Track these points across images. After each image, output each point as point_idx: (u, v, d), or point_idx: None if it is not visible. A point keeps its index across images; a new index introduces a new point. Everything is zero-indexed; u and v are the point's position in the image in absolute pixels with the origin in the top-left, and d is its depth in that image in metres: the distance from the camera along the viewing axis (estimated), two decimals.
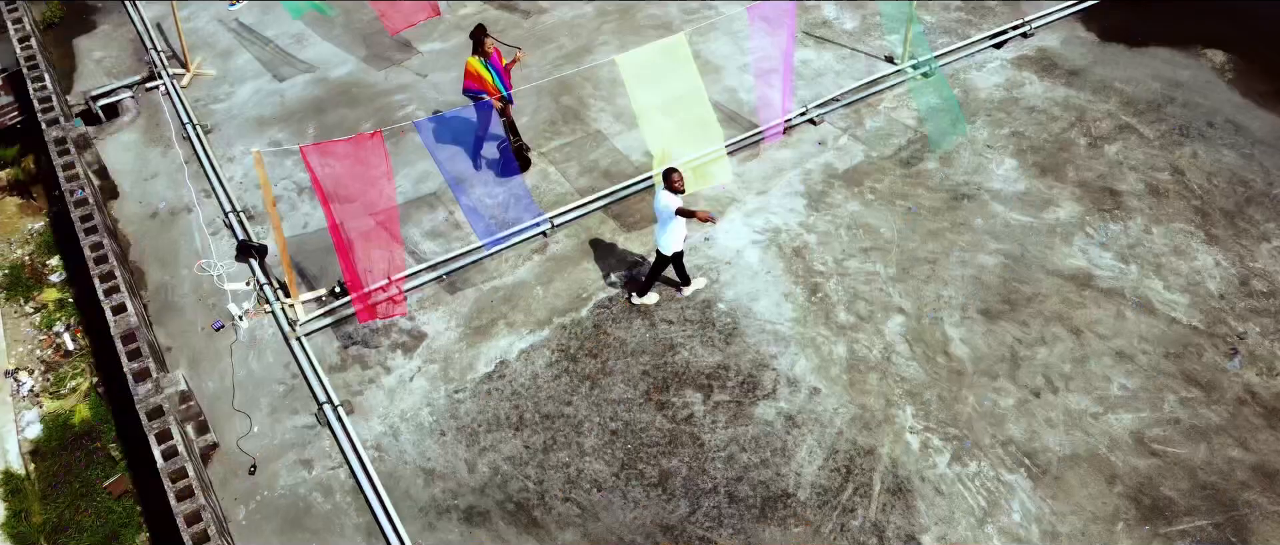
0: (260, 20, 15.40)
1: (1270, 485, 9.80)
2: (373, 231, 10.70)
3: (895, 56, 14.54)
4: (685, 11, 15.54)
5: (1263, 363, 10.85)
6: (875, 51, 14.84)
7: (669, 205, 10.33)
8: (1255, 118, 13.84)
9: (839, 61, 14.66)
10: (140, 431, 9.49)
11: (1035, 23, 15.21)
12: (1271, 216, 12.45)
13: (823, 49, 14.86)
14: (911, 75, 14.27)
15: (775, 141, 13.22)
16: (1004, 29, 15.11)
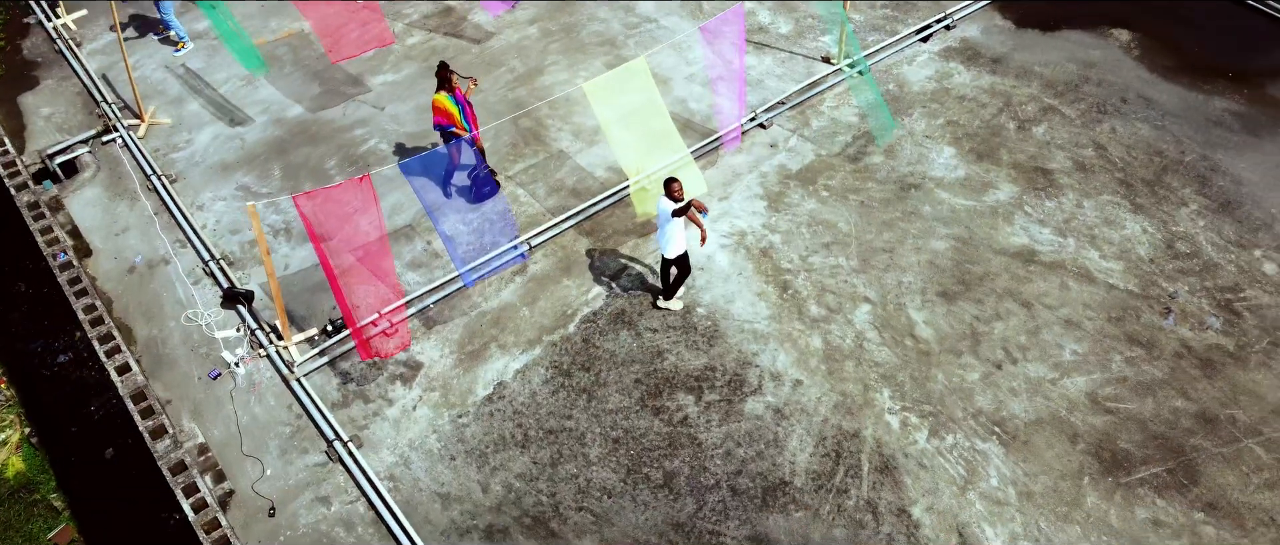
0: (207, 64, 15.45)
1: (1212, 430, 10.86)
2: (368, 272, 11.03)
3: (831, 56, 15.35)
4: (628, 27, 16.10)
5: (1193, 318, 11.95)
6: (811, 53, 15.62)
7: (667, 211, 10.94)
8: (1162, 91, 15.02)
9: (778, 65, 15.40)
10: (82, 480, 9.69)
11: (956, 15, 16.19)
12: (1187, 182, 13.60)
13: (762, 54, 15.58)
14: (849, 74, 15.09)
15: (734, 147, 13.88)
16: (928, 23, 16.05)
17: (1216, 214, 13.19)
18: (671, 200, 10.89)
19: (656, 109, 12.20)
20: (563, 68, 15.30)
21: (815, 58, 15.49)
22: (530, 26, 16.07)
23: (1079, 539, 9.99)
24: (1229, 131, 14.36)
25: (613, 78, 11.77)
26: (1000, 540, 9.99)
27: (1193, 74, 15.29)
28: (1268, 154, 14.03)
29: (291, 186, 13.55)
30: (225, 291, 12.08)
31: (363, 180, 10.49)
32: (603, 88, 11.64)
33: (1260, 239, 12.88)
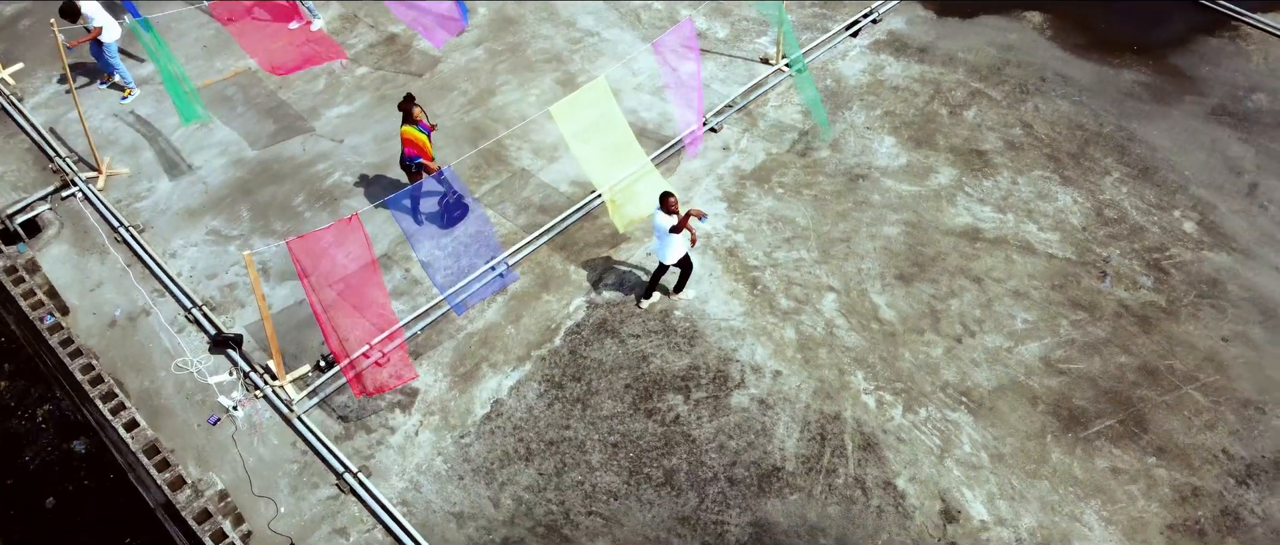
0: (157, 110, 15.44)
1: (1154, 380, 11.91)
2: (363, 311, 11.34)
3: (769, 57, 16.08)
4: (571, 42, 16.57)
5: (1127, 279, 13.01)
6: (750, 55, 16.32)
7: (664, 225, 11.55)
8: (1077, 68, 16.12)
9: (720, 69, 16.06)
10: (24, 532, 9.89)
11: (881, 9, 17.06)
12: (1108, 153, 14.70)
13: (703, 60, 16.22)
14: (789, 73, 15.83)
15: (696, 152, 14.49)
16: (856, 18, 16.89)
17: (1137, 180, 14.31)
18: (667, 213, 11.48)
19: (619, 125, 12.73)
20: (514, 87, 15.72)
21: (754, 60, 16.20)
22: (476, 49, 16.43)
23: (1048, 493, 10.91)
24: (1140, 102, 15.52)
25: (576, 98, 12.27)
26: (979, 501, 10.86)
27: (1102, 50, 16.43)
28: (1176, 120, 15.22)
29: (262, 226, 13.73)
30: (213, 337, 12.26)
31: (351, 220, 10.83)
32: (568, 109, 12.14)
33: (1178, 200, 14.03)
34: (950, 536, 10.62)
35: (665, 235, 11.65)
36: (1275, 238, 13.55)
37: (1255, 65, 16.15)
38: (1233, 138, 14.95)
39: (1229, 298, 12.80)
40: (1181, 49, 16.50)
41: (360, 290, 11.21)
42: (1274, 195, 14.10)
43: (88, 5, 14.67)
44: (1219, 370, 12.05)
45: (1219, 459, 11.21)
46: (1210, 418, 11.56)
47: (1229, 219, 13.79)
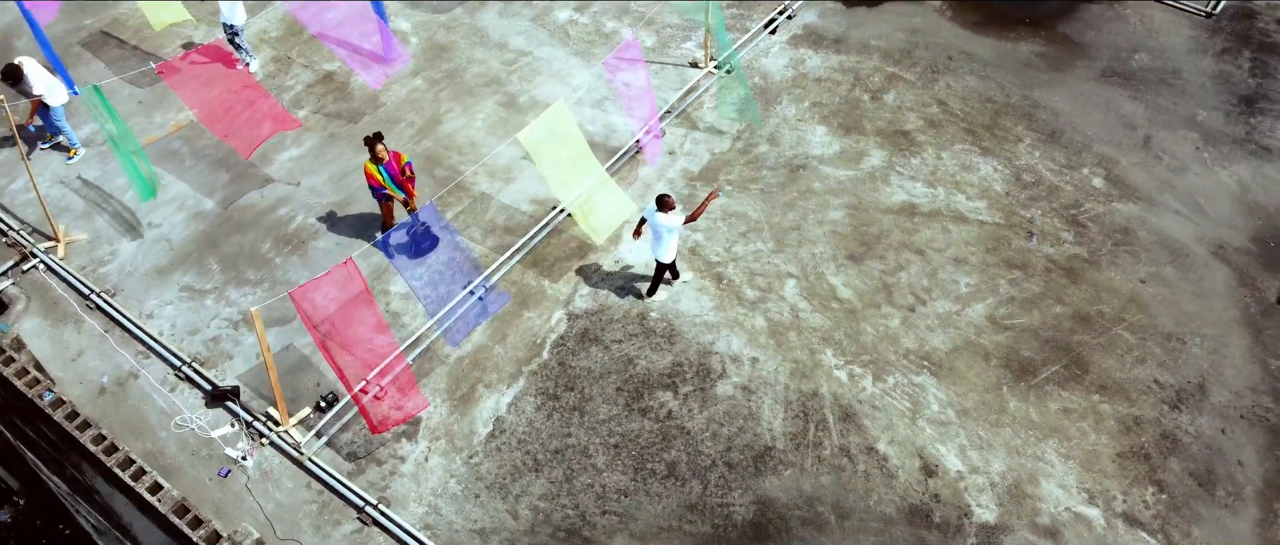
0: (103, 172, 15.38)
1: (1088, 325, 13.24)
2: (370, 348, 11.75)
3: (697, 61, 16.92)
4: (506, 64, 17.09)
5: (1051, 236, 14.33)
6: (679, 60, 17.14)
7: (665, 223, 12.38)
8: (978, 45, 17.45)
9: (654, 76, 16.83)
10: None
11: (794, 5, 18.08)
12: (1017, 121, 16.04)
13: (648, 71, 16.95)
14: (719, 75, 16.70)
15: (657, 161, 15.23)
16: (772, 16, 17.87)
17: (1047, 144, 15.67)
18: (666, 211, 12.36)
19: (579, 143, 13.39)
20: (458, 113, 16.19)
21: (684, 64, 17.02)
22: (415, 79, 16.81)
23: (1012, 438, 12.11)
24: (1038, 71, 16.93)
25: (539, 124, 12.88)
26: (953, 454, 11.98)
27: (999, 26, 17.80)
28: (1072, 85, 16.67)
29: (234, 277, 13.94)
30: (211, 391, 12.49)
31: (347, 264, 11.25)
32: (534, 134, 12.75)
33: (1084, 159, 15.45)
34: (932, 489, 11.72)
35: (662, 235, 12.43)
36: (1172, 184, 15.08)
37: (1134, 28, 17.75)
38: (1124, 96, 16.48)
39: (1140, 243, 14.25)
40: (1068, 18, 18.00)
41: (363, 330, 11.63)
42: (1166, 146, 15.66)
43: (30, 68, 14.55)
44: (1141, 309, 13.46)
45: (1152, 389, 12.59)
46: (1140, 353, 12.95)
47: (1131, 171, 15.27)
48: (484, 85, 16.67)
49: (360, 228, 14.52)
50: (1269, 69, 16.97)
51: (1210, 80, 16.78)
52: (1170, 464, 11.91)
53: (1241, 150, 15.67)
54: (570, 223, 14.46)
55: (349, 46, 15.53)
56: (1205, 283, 13.81)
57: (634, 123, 15.35)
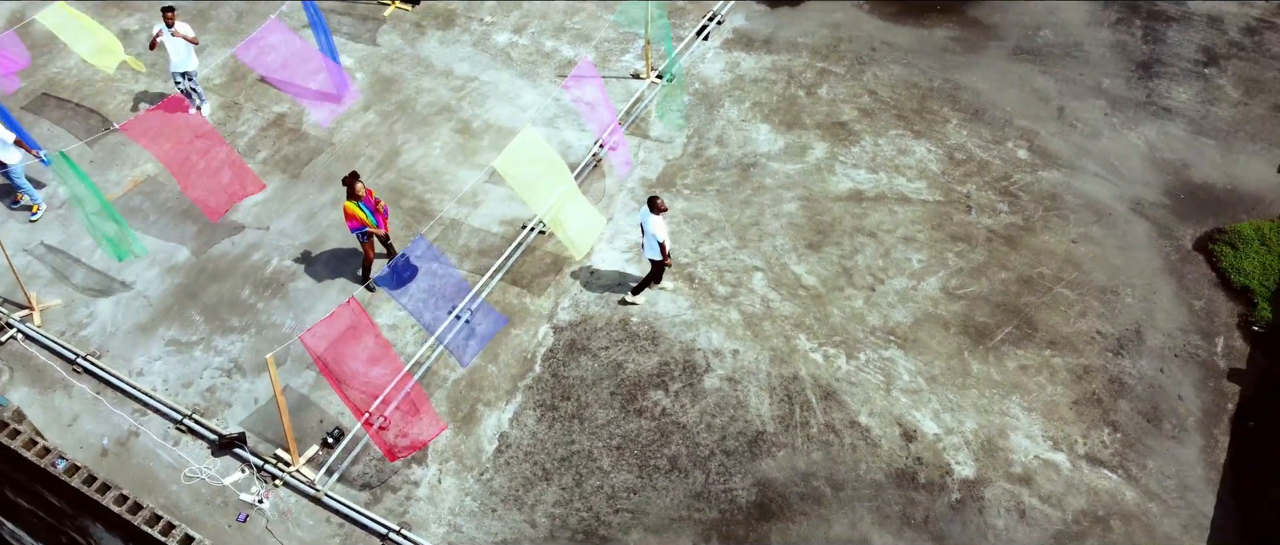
0: (66, 236, 15.34)
1: (1031, 287, 14.42)
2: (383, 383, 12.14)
3: (640, 72, 17.64)
4: (455, 91, 17.53)
5: (987, 208, 15.50)
6: (621, 73, 17.84)
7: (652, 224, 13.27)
8: (897, 34, 18.58)
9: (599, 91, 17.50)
10: None
11: (722, 10, 18.94)
12: (942, 104, 17.20)
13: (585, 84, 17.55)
14: (662, 84, 17.45)
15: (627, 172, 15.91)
16: (703, 23, 18.69)
17: (972, 122, 16.87)
18: (659, 213, 13.22)
19: (555, 165, 13.96)
20: (415, 143, 16.59)
21: (626, 76, 17.72)
22: (367, 114, 17.13)
23: (978, 398, 13.19)
24: (955, 54, 18.14)
25: (512, 151, 13.43)
26: (928, 419, 12.99)
27: (914, 15, 18.97)
28: (987, 65, 17.93)
29: (219, 325, 14.14)
30: (218, 440, 12.73)
31: (350, 303, 11.66)
32: (509, 161, 13.30)
33: (1007, 133, 16.68)
34: (914, 453, 12.71)
35: (653, 235, 13.19)
36: (1088, 150, 16.42)
37: (1036, 7, 19.12)
38: (1035, 72, 17.80)
39: (1068, 207, 15.52)
40: (975, 3, 19.29)
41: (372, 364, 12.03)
42: (1079, 114, 17.01)
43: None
44: (1076, 267, 14.71)
45: (1095, 339, 13.82)
46: (1080, 308, 14.17)
47: (1050, 141, 16.56)
48: (436, 114, 17.10)
49: (337, 265, 14.85)
50: (1159, 35, 18.52)
51: (1109, 50, 18.24)
52: (1120, 406, 13.14)
53: (1145, 112, 17.12)
54: (542, 240, 15.06)
55: (297, 87, 15.78)
56: (1129, 237, 15.15)
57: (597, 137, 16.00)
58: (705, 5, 19.21)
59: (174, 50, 16.05)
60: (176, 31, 15.91)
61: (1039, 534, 11.97)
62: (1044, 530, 11.99)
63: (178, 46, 16.04)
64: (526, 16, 18.85)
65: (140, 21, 18.77)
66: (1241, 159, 16.32)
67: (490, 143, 16.50)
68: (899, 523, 12.11)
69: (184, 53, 16.07)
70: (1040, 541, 11.91)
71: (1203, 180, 16.02)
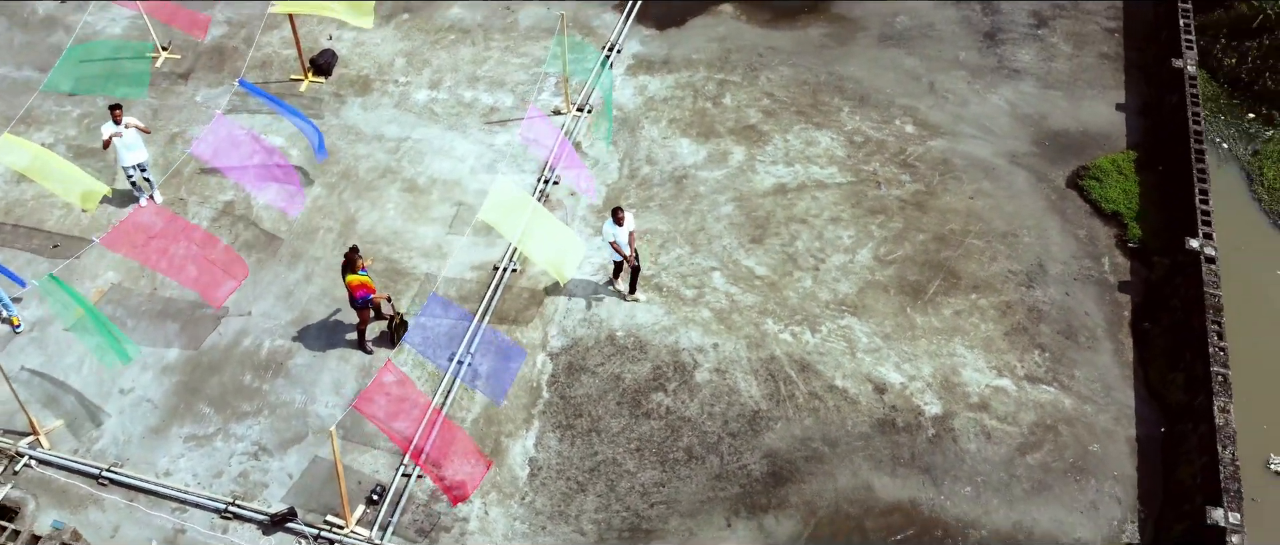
0: (48, 356, 15.38)
1: (946, 243, 16.68)
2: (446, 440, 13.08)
3: (560, 107, 18.98)
4: (392, 152, 18.36)
5: (893, 180, 17.70)
6: (542, 110, 19.11)
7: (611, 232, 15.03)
8: (777, 38, 20.61)
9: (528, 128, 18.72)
10: None
11: (617, 40, 20.46)
12: (832, 95, 19.33)
13: (509, 130, 18.74)
14: (585, 117, 18.84)
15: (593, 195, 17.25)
16: (605, 52, 20.18)
17: (860, 107, 19.06)
18: (620, 224, 14.88)
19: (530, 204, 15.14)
20: (369, 208, 17.40)
21: (548, 113, 19.02)
22: (314, 188, 17.76)
23: (928, 347, 15.30)
24: (831, 49, 20.33)
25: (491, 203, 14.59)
26: (892, 372, 15.01)
27: (787, 18, 21.06)
28: (860, 54, 20.20)
29: (232, 413, 14.68)
30: (268, 519, 13.39)
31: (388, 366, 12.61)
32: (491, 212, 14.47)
33: (893, 112, 18.96)
34: (888, 403, 14.69)
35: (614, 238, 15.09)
36: (962, 116, 18.90)
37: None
38: (902, 54, 20.20)
39: (958, 168, 17.91)
40: (833, 0, 21.54)
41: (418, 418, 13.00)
42: (946, 87, 19.49)
43: None
44: (978, 219, 17.09)
45: (1009, 278, 16.19)
46: (990, 253, 16.53)
47: (930, 114, 18.95)
48: (380, 177, 17.94)
49: (327, 336, 15.60)
50: (996, 7, 21.29)
51: (958, 26, 20.85)
52: (1042, 330, 15.54)
53: (999, 76, 19.77)
54: (516, 277, 16.26)
55: (260, 181, 16.35)
56: (1014, 186, 17.66)
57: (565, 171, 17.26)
58: (600, 36, 20.69)
59: (126, 144, 16.34)
60: (128, 123, 16.26)
61: (1005, 449, 14.18)
62: (1008, 445, 14.21)
63: (130, 138, 16.35)
64: (438, 72, 19.86)
65: (52, 134, 18.70)
66: (1085, 104, 19.18)
67: (439, 196, 17.51)
68: (891, 464, 14.06)
69: (137, 144, 16.39)
70: (1007, 455, 14.12)
71: (1060, 127, 18.76)
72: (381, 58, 20.04)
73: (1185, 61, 18.39)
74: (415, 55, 20.15)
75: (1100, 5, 21.34)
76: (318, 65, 19.55)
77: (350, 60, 19.94)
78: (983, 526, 13.50)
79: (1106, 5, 21.33)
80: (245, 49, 20.20)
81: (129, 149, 16.45)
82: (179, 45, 20.19)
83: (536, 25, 20.79)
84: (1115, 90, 19.45)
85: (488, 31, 20.66)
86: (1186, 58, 18.48)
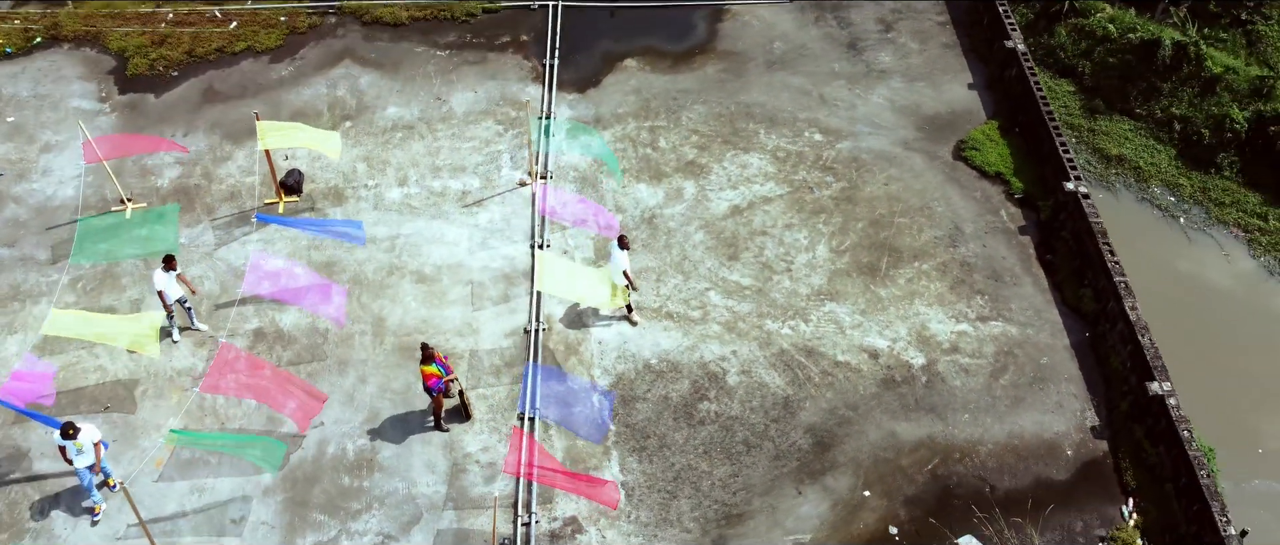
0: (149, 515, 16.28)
1: (882, 226, 20.25)
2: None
3: (526, 179, 21.20)
4: (388, 252, 20.00)
5: (821, 183, 21.12)
6: (509, 185, 21.25)
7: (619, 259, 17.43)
8: (682, 81, 23.62)
9: (502, 206, 20.81)
10: None
11: (552, 107, 22.83)
12: (748, 122, 22.55)
13: (487, 206, 20.76)
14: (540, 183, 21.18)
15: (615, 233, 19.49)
16: (544, 122, 22.51)
17: (772, 127, 22.40)
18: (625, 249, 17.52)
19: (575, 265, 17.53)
20: (391, 305, 19.06)
21: (515, 187, 21.19)
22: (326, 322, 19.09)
23: (898, 313, 18.80)
24: (730, 82, 23.55)
25: (542, 276, 16.90)
26: (878, 338, 18.40)
27: (683, 62, 24.12)
28: (755, 81, 23.53)
29: (344, 513, 16.18)
30: None
31: (517, 431, 14.72)
32: (546, 283, 16.81)
33: (801, 125, 22.41)
34: (883, 365, 18.07)
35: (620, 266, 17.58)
36: (856, 118, 22.60)
37: (758, 28, 25.02)
38: (788, 75, 23.70)
39: (868, 163, 21.55)
40: (717, 39, 24.80)
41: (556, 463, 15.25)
42: (833, 96, 23.15)
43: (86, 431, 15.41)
44: (898, 200, 20.78)
45: (938, 243, 19.95)
46: (917, 225, 20.24)
47: (829, 120, 22.53)
48: (388, 276, 19.63)
49: (404, 428, 17.31)
50: (848, 20, 25.19)
51: (824, 43, 24.59)
52: (975, 278, 19.36)
53: (871, 79, 23.63)
54: (548, 335, 18.48)
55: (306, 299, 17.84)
56: (915, 168, 21.48)
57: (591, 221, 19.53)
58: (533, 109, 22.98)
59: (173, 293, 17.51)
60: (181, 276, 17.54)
61: (981, 378, 17.87)
62: (982, 375, 17.90)
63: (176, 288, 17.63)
64: (401, 169, 21.61)
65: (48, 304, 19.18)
66: (945, 89, 23.34)
67: (449, 280, 19.44)
68: (903, 411, 17.44)
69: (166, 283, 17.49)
70: (984, 382, 17.81)
71: (932, 112, 22.80)
72: (342, 167, 21.58)
73: (1014, 41, 22.83)
74: (373, 158, 21.82)
75: (928, 4, 25.67)
76: (287, 186, 20.88)
77: (314, 175, 21.36)
78: (985, 442, 17.10)
79: (933, 3, 25.68)
80: (206, 184, 21.23)
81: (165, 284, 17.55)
82: (141, 194, 20.94)
83: (471, 110, 22.89)
84: (963, 73, 23.74)
85: (430, 124, 22.57)
86: (1014, 38, 22.92)
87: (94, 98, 23.10)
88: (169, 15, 24.95)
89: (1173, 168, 22.56)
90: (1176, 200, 22.07)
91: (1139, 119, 23.37)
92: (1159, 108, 23.27)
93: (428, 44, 24.48)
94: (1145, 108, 23.42)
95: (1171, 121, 23.05)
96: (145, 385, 17.74)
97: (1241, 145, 22.45)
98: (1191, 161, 22.63)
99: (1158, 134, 23.08)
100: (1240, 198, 21.94)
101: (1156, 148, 22.96)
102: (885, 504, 16.38)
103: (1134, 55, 23.76)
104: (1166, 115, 23.14)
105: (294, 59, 24.08)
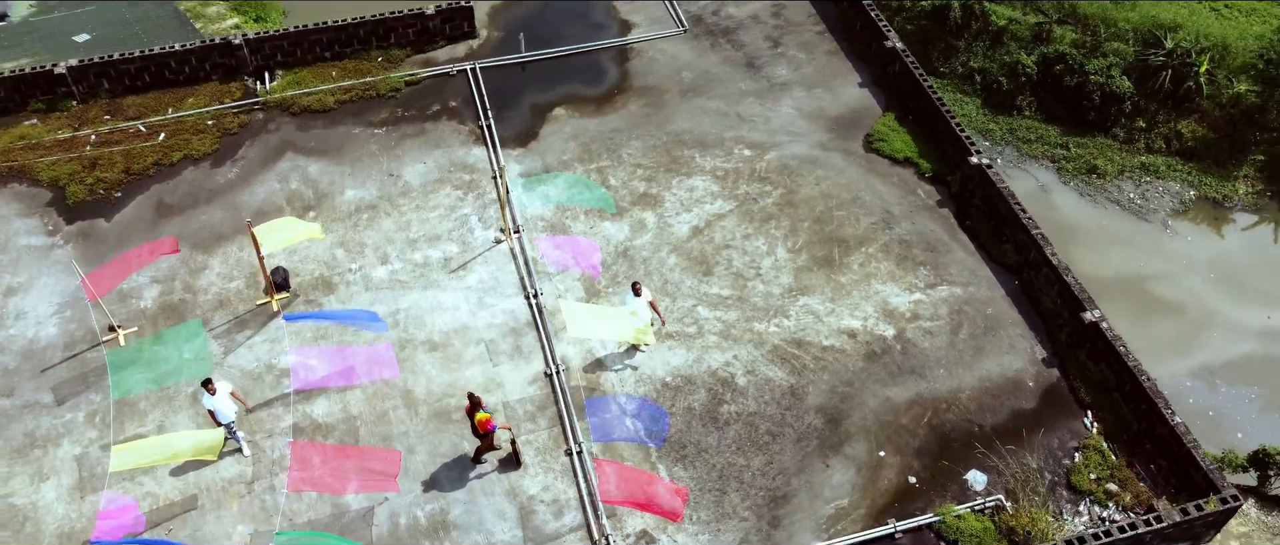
0: None
1: (825, 220, 22.96)
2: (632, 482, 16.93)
3: (500, 236, 22.69)
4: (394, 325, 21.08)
5: (761, 193, 23.63)
6: (486, 246, 22.67)
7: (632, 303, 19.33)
8: (610, 121, 25.62)
9: (484, 263, 22.24)
10: None
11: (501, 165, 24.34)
12: (687, 149, 24.81)
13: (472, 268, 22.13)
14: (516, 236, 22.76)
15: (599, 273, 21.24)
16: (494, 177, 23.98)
17: (706, 150, 24.76)
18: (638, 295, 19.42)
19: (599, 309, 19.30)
20: (412, 375, 20.23)
21: (491, 246, 22.64)
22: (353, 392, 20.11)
23: (860, 295, 21.57)
24: (654, 114, 25.74)
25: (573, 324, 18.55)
26: (850, 319, 21.10)
27: (607, 103, 26.12)
28: (676, 110, 25.81)
29: None
30: None
31: (602, 464, 16.43)
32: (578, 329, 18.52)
33: (728, 144, 24.87)
34: (861, 340, 20.79)
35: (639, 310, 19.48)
36: (774, 129, 25.28)
37: (664, 61, 27.33)
38: (704, 100, 26.10)
39: (796, 168, 24.26)
40: (628, 79, 26.94)
41: None
42: (749, 113, 25.75)
43: None
44: (832, 196, 23.58)
45: (876, 227, 22.86)
46: (854, 216, 23.09)
47: (753, 135, 25.11)
48: (401, 351, 20.75)
49: (465, 483, 18.60)
50: (740, 42, 27.86)
51: (726, 66, 27.15)
52: (915, 252, 22.38)
53: (774, 92, 26.38)
54: (568, 375, 20.16)
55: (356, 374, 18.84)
56: (836, 165, 24.35)
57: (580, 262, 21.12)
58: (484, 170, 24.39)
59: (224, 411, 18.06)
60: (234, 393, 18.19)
61: (944, 337, 20.86)
62: (945, 334, 20.90)
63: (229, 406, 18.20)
64: (377, 248, 22.65)
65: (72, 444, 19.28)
66: (840, 91, 26.37)
67: (460, 343, 20.78)
68: (891, 378, 20.21)
69: (223, 406, 18.08)
70: (948, 340, 20.82)
71: (836, 114, 25.76)
72: (321, 256, 22.43)
73: (892, 41, 26.06)
74: (348, 242, 22.77)
75: (802, 17, 28.68)
76: (276, 283, 21.58)
77: (296, 269, 22.12)
78: (964, 389, 20.10)
79: (807, 16, 28.71)
80: (191, 297, 21.65)
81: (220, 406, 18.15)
82: (128, 318, 21.15)
83: (426, 180, 24.14)
84: (851, 74, 26.85)
85: (391, 200, 23.68)
86: (892, 38, 26.16)
87: (42, 232, 22.94)
88: (91, 137, 24.86)
89: (981, 116, 26.92)
90: (991, 145, 26.19)
91: (944, 77, 27.61)
92: (959, 64, 27.60)
93: (363, 124, 25.50)
94: (948, 66, 27.83)
95: (972, 74, 27.58)
96: (203, 499, 18.32)
97: (1034, 86, 27.01)
98: (995, 107, 27.25)
99: (963, 88, 27.55)
100: (1042, 132, 26.76)
101: (965, 100, 27.31)
102: (899, 460, 19.09)
103: (929, 20, 27.93)
104: (967, 70, 27.62)
105: (235, 160, 24.59)
